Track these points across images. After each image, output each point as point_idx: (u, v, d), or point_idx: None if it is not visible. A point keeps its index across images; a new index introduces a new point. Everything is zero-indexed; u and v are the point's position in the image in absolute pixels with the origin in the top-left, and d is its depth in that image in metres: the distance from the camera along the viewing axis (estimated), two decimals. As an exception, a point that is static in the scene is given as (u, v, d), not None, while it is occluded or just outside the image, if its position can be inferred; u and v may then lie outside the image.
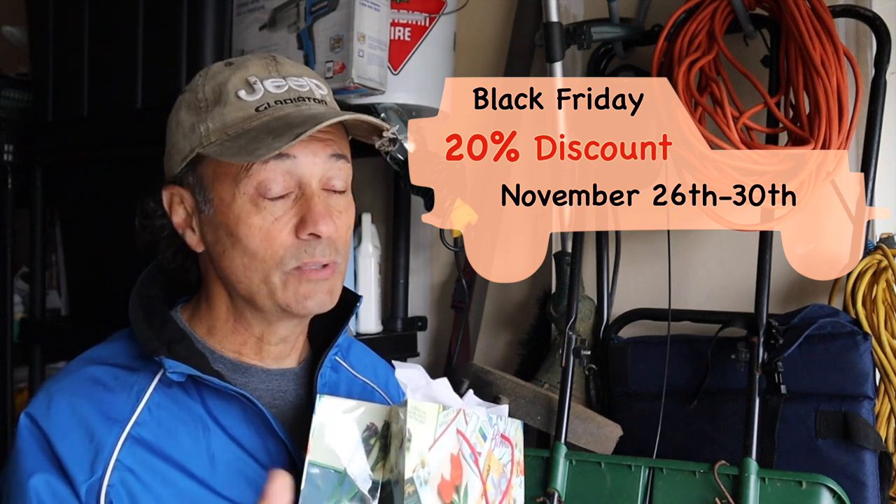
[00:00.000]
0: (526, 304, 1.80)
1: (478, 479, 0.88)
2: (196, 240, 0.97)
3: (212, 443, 0.90)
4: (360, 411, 0.86)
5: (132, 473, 0.86)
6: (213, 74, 0.96)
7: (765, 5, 1.38)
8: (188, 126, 0.94)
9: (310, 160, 0.92)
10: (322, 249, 0.93)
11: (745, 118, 1.32)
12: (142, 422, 0.88)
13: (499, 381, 1.49)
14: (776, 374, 1.32)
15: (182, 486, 0.87)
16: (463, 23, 1.73)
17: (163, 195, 0.98)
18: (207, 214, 0.94)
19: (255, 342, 0.98)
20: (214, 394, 0.92)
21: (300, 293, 0.92)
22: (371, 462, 0.85)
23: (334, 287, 0.96)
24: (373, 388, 1.11)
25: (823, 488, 1.22)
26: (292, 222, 0.92)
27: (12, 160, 1.80)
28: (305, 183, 0.92)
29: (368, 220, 1.78)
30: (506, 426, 0.96)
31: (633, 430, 1.45)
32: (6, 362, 1.82)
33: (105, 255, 1.57)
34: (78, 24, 1.62)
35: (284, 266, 0.91)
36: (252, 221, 0.91)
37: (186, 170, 0.95)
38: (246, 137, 0.90)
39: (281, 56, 0.99)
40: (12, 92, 1.86)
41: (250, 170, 0.90)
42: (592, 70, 1.60)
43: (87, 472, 0.84)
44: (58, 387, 0.91)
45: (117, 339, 0.98)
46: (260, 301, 0.93)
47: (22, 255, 1.89)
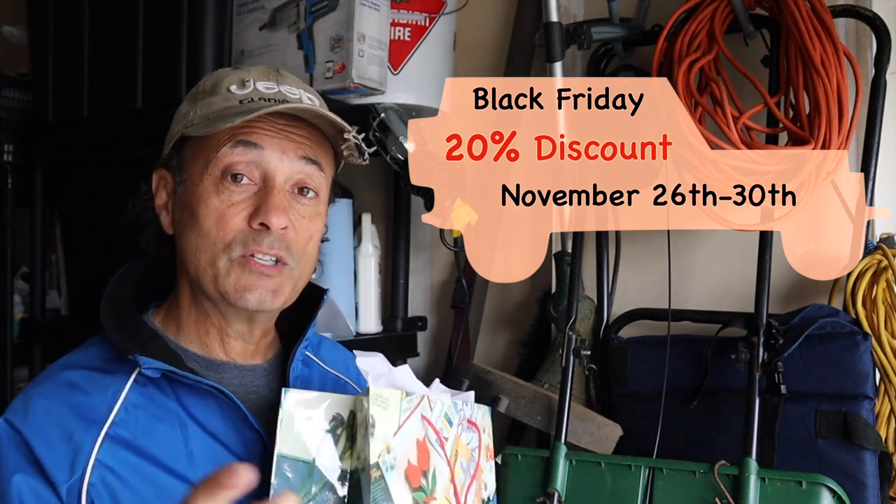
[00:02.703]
0: (526, 304, 1.80)
1: (445, 464, 0.90)
2: (168, 221, 1.00)
3: (189, 438, 0.91)
4: (325, 403, 0.88)
5: (112, 472, 0.86)
6: (218, 73, 1.02)
7: (765, 5, 1.38)
8: (183, 113, 1.00)
9: (277, 155, 0.95)
10: (270, 242, 0.93)
11: (745, 118, 1.32)
12: (119, 421, 0.89)
13: (499, 381, 1.49)
14: (776, 374, 1.32)
15: (162, 482, 0.88)
16: (463, 23, 1.73)
17: (153, 177, 1.01)
18: (179, 195, 0.98)
19: (217, 333, 0.99)
20: (189, 390, 0.93)
21: (241, 284, 0.93)
22: (339, 451, 0.87)
23: (280, 287, 0.96)
24: (345, 382, 1.12)
25: (823, 488, 1.22)
26: (247, 210, 0.94)
27: (12, 160, 1.80)
28: (270, 176, 0.95)
29: (368, 220, 1.78)
30: (472, 412, 0.98)
31: (633, 430, 1.45)
32: (6, 362, 1.82)
33: (105, 255, 1.57)
34: (78, 24, 1.62)
35: (231, 252, 0.93)
36: (210, 202, 0.93)
37: (173, 152, 0.99)
38: (217, 119, 0.94)
39: (287, 72, 1.03)
40: (12, 92, 1.86)
41: (219, 152, 0.93)
42: (592, 70, 1.60)
43: (66, 473, 0.85)
44: (34, 392, 0.92)
45: (90, 343, 0.99)
46: (205, 286, 0.95)
47: (22, 255, 1.89)
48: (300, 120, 0.97)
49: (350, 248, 1.75)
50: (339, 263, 1.72)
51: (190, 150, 0.97)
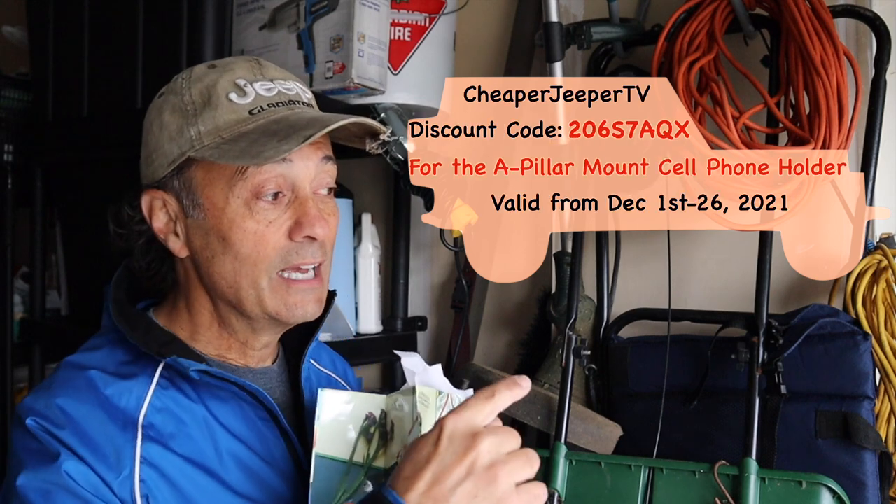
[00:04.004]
0: (526, 304, 1.80)
1: None
2: (180, 245, 0.96)
3: (218, 440, 0.91)
4: (357, 402, 0.89)
5: (157, 469, 0.86)
6: (197, 77, 0.95)
7: (765, 5, 1.38)
8: (175, 129, 0.93)
9: (304, 164, 0.93)
10: (314, 251, 0.93)
11: (745, 118, 1.32)
12: (148, 424, 0.88)
13: (499, 381, 1.49)
14: (776, 374, 1.32)
15: (201, 481, 0.88)
16: (463, 23, 1.73)
17: (142, 200, 0.96)
18: (196, 219, 0.93)
19: (240, 347, 0.99)
20: (211, 393, 0.93)
21: (290, 302, 0.93)
22: (373, 450, 0.88)
23: (322, 295, 0.97)
24: (337, 380, 1.13)
25: (823, 488, 1.22)
26: (286, 225, 0.92)
27: (12, 160, 1.80)
28: (299, 186, 0.93)
29: (368, 220, 1.78)
30: None
31: (633, 430, 1.45)
32: (6, 362, 1.82)
33: (105, 255, 1.57)
34: (78, 24, 1.62)
35: (272, 270, 0.92)
36: (246, 225, 0.91)
37: (172, 174, 0.94)
38: (246, 140, 0.90)
39: (263, 59, 0.99)
40: (12, 92, 1.86)
41: (245, 173, 0.90)
42: (592, 70, 1.60)
43: (114, 472, 0.84)
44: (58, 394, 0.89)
45: (98, 346, 0.97)
46: (248, 307, 0.93)
47: (22, 255, 1.89)
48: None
49: (350, 248, 1.75)
50: (339, 263, 1.71)
51: (201, 172, 0.93)
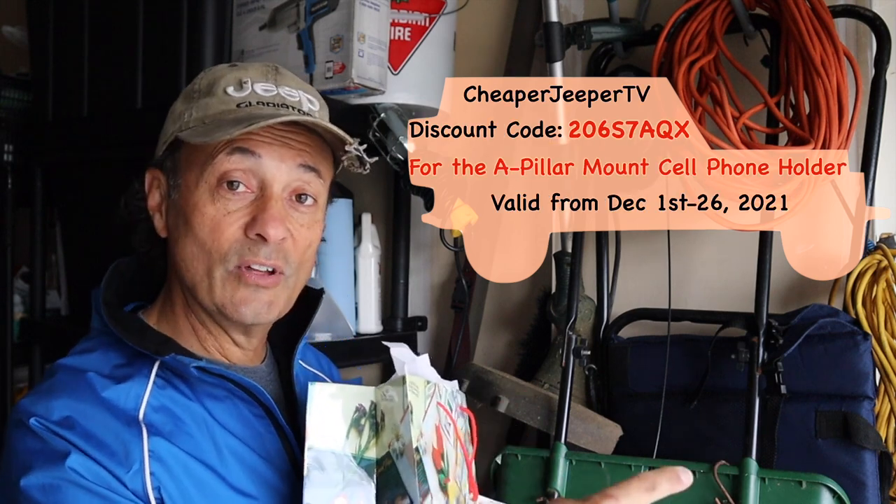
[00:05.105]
0: (526, 304, 1.80)
1: (452, 448, 0.91)
2: (162, 224, 0.98)
3: (217, 437, 0.91)
4: (347, 394, 0.89)
5: (164, 464, 0.85)
6: (214, 71, 0.99)
7: (765, 5, 1.38)
8: (177, 113, 0.97)
9: (275, 164, 0.93)
10: (268, 252, 0.92)
11: (745, 118, 1.32)
12: (149, 423, 0.88)
13: (499, 381, 1.49)
14: (776, 374, 1.32)
15: (204, 478, 0.88)
16: (463, 23, 1.73)
17: (146, 177, 1.00)
18: (174, 199, 0.96)
19: (215, 340, 0.99)
20: (207, 391, 0.93)
21: (237, 297, 0.92)
22: (364, 441, 0.88)
23: (275, 299, 0.95)
24: (324, 379, 1.14)
25: (823, 488, 1.22)
26: (244, 219, 0.92)
27: (12, 160, 1.80)
28: (267, 184, 0.93)
29: (368, 220, 1.78)
30: (462, 399, 1.00)
31: (633, 430, 1.45)
32: (6, 362, 1.82)
33: (105, 255, 1.57)
34: (78, 24, 1.62)
35: (227, 263, 0.92)
36: (206, 210, 0.92)
37: (167, 154, 0.97)
38: (214, 124, 0.92)
39: (285, 69, 1.01)
40: (12, 92, 1.86)
41: (216, 159, 0.92)
42: (592, 70, 1.60)
43: (123, 466, 0.83)
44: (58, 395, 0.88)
45: (90, 349, 0.96)
46: (200, 295, 0.94)
47: (22, 255, 1.89)
48: (300, 125, 0.95)
49: (350, 248, 1.75)
50: (339, 263, 1.72)
51: (185, 154, 0.95)
